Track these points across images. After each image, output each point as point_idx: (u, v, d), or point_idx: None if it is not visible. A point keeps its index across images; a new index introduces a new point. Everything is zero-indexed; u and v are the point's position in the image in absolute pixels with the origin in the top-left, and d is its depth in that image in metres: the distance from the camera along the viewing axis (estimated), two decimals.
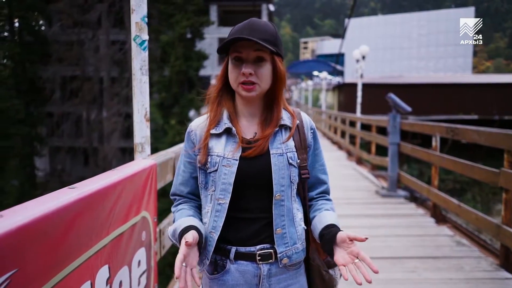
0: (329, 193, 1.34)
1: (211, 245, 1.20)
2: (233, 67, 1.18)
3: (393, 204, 5.65)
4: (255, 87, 1.16)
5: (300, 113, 1.31)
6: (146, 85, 1.98)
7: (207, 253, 1.21)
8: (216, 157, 1.20)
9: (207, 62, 24.65)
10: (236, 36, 1.12)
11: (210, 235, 1.20)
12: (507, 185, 3.31)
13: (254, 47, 1.14)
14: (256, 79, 1.16)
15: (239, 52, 1.16)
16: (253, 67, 1.15)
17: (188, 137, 1.28)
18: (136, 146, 1.96)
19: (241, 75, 1.15)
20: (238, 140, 1.20)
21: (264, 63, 1.17)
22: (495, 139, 3.60)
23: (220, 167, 1.19)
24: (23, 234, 0.89)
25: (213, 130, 1.23)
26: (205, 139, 1.22)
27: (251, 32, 1.13)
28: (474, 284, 3.08)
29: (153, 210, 1.85)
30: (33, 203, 1.03)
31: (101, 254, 1.29)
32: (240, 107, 1.25)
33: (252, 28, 1.14)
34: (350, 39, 29.97)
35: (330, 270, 1.28)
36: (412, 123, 6.23)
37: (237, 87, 1.18)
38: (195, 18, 21.18)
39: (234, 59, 1.17)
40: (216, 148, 1.21)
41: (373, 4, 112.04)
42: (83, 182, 1.28)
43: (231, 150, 1.20)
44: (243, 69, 1.15)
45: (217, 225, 1.19)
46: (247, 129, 1.24)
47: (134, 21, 1.92)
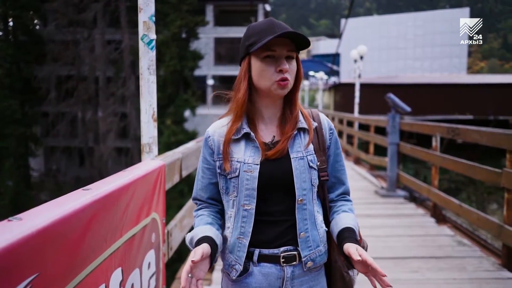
0: (349, 193, 1.34)
1: (242, 250, 1.19)
2: (266, 65, 1.16)
3: (393, 204, 5.66)
4: (288, 83, 1.17)
5: (318, 115, 1.30)
6: (154, 85, 1.96)
7: (239, 259, 1.20)
8: (237, 163, 1.19)
9: (203, 62, 24.60)
10: (276, 35, 1.11)
11: (238, 241, 1.20)
12: (509, 185, 3.31)
13: (287, 46, 1.15)
14: (289, 76, 1.16)
15: (273, 50, 1.15)
16: (287, 64, 1.16)
17: (206, 143, 1.27)
18: (144, 146, 1.95)
19: (278, 72, 1.15)
20: (257, 145, 1.19)
21: (293, 61, 1.18)
22: (497, 139, 3.61)
23: (242, 172, 1.18)
24: (43, 237, 0.87)
25: (233, 136, 1.21)
26: (225, 145, 1.22)
27: (282, 29, 1.13)
28: (478, 284, 3.08)
29: (162, 211, 1.83)
30: (50, 205, 1.01)
31: (115, 256, 1.28)
32: (260, 110, 1.24)
33: (280, 25, 1.15)
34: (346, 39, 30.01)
35: (350, 271, 1.27)
36: (411, 123, 6.24)
37: (272, 85, 1.17)
38: (190, 18, 21.12)
39: (266, 57, 1.16)
40: (236, 153, 1.20)
41: (368, 4, 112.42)
42: (96, 184, 1.26)
43: (251, 155, 1.19)
44: (282, 65, 1.14)
45: (245, 231, 1.19)
46: (265, 133, 1.23)
47: (142, 20, 1.90)
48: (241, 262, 1.19)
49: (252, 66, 1.19)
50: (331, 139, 1.28)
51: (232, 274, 1.21)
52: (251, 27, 1.19)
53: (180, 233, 2.20)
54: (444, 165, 4.70)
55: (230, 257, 1.21)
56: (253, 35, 1.16)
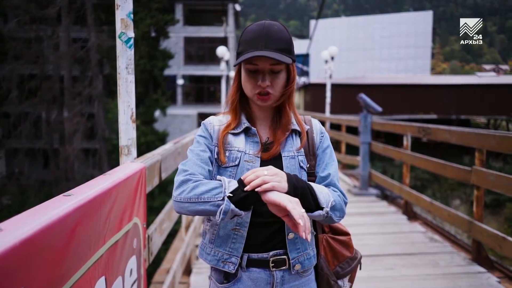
0: (334, 185, 1.25)
1: (239, 242, 1.15)
2: (249, 78, 1.15)
3: (366, 203, 5.77)
4: (270, 97, 1.16)
5: (311, 120, 1.31)
6: (132, 84, 1.89)
7: (234, 251, 1.15)
8: (237, 152, 1.17)
9: (173, 61, 24.26)
10: (254, 55, 1.09)
11: (234, 232, 1.15)
12: (478, 183, 3.44)
13: (270, 61, 1.12)
14: (271, 89, 1.15)
15: (255, 64, 1.13)
16: (269, 78, 1.14)
17: (204, 128, 1.23)
18: (122, 148, 1.87)
19: (258, 86, 1.14)
20: (258, 140, 1.19)
21: (280, 73, 1.16)
22: (466, 138, 3.73)
23: (242, 162, 1.16)
24: (28, 248, 0.81)
25: (232, 130, 1.21)
26: (224, 135, 1.20)
27: (267, 43, 1.10)
28: (451, 279, 3.17)
29: (142, 215, 1.77)
30: (31, 213, 0.94)
31: (99, 265, 1.22)
32: (253, 111, 1.25)
33: (268, 37, 1.11)
34: (314, 40, 30.42)
35: (339, 280, 1.26)
36: (383, 123, 6.38)
37: (253, 96, 1.17)
38: (160, 16, 20.80)
39: (249, 70, 1.15)
40: (236, 143, 1.19)
41: (336, 6, 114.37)
42: (78, 189, 1.20)
43: (252, 148, 1.18)
44: (260, 81, 1.14)
45: (243, 221, 1.14)
46: (262, 132, 1.24)
47: (119, 18, 1.83)
48: (238, 255, 1.15)
49: (241, 73, 1.19)
50: (321, 142, 1.28)
51: (230, 268, 1.16)
52: (244, 32, 1.18)
53: (159, 237, 2.14)
54: (415, 164, 4.83)
55: (220, 251, 1.17)
56: (242, 43, 1.15)
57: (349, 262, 1.33)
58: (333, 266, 1.28)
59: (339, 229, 1.38)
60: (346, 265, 1.32)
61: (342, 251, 1.33)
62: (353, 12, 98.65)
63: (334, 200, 1.13)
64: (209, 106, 27.40)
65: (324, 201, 1.10)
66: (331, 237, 1.34)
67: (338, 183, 1.26)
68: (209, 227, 1.21)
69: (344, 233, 1.38)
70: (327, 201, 1.10)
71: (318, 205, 1.09)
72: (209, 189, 1.05)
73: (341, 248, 1.33)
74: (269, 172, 1.03)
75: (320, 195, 1.10)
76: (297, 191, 1.05)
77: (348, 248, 1.35)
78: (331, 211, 1.12)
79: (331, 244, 1.32)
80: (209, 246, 1.20)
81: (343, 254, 1.33)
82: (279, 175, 1.04)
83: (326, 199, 1.11)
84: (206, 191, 1.05)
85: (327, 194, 1.13)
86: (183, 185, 1.09)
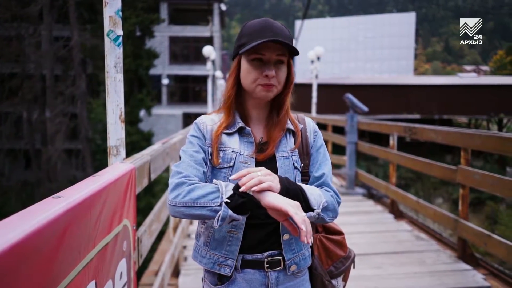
0: (328, 185, 1.26)
1: (235, 244, 1.13)
2: (253, 68, 1.13)
3: (353, 202, 5.80)
4: (272, 88, 1.14)
5: (304, 119, 1.30)
6: (121, 83, 1.86)
7: (229, 254, 1.13)
8: (232, 153, 1.15)
9: (158, 61, 24.06)
10: (266, 39, 1.07)
11: (229, 234, 1.13)
12: (464, 181, 3.49)
13: (277, 51, 1.12)
14: (275, 81, 1.14)
15: (261, 54, 1.12)
16: (274, 69, 1.13)
17: (197, 127, 1.20)
18: (111, 149, 1.84)
19: (264, 77, 1.12)
20: (252, 140, 1.17)
21: (283, 66, 1.15)
22: (451, 137, 3.79)
23: (237, 163, 1.14)
24: (17, 253, 0.77)
25: (226, 130, 1.18)
26: (218, 135, 1.17)
27: (275, 34, 1.09)
28: (438, 277, 3.21)
29: (132, 217, 1.74)
30: (19, 216, 0.90)
31: (89, 269, 1.18)
32: (248, 110, 1.22)
33: (274, 30, 1.11)
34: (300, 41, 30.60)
35: (333, 280, 1.26)
36: (369, 122, 6.43)
37: (255, 87, 1.14)
38: (145, 16, 20.61)
39: (254, 60, 1.13)
40: (230, 143, 1.16)
41: (320, 7, 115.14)
42: (67, 191, 1.16)
43: (246, 148, 1.16)
44: (267, 71, 1.12)
45: (239, 223, 1.12)
46: (255, 132, 1.22)
47: (108, 15, 1.79)
48: (234, 257, 1.14)
49: (241, 66, 1.17)
50: (315, 141, 1.27)
51: (226, 271, 1.14)
52: (245, 26, 1.16)
53: (149, 239, 2.10)
54: (402, 163, 4.88)
55: (215, 254, 1.15)
56: (245, 35, 1.13)
57: (343, 262, 1.33)
58: (327, 265, 1.28)
59: (332, 228, 1.38)
60: (340, 265, 1.32)
61: (336, 251, 1.33)
62: (337, 12, 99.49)
63: (326, 201, 1.14)
64: (194, 106, 27.26)
65: (315, 202, 1.10)
66: (324, 237, 1.34)
67: (331, 183, 1.26)
68: (203, 229, 1.19)
69: (338, 232, 1.38)
70: (318, 203, 1.11)
71: (309, 206, 1.09)
72: (205, 194, 1.04)
73: (335, 247, 1.33)
74: (262, 173, 1.02)
75: (311, 197, 1.10)
76: (288, 192, 1.05)
77: (341, 248, 1.35)
78: (323, 211, 1.13)
79: (325, 244, 1.32)
80: (204, 249, 1.18)
81: (337, 253, 1.32)
82: (272, 176, 1.05)
83: (317, 201, 1.11)
84: (202, 195, 1.04)
85: (319, 195, 1.13)
86: (178, 188, 1.07)
